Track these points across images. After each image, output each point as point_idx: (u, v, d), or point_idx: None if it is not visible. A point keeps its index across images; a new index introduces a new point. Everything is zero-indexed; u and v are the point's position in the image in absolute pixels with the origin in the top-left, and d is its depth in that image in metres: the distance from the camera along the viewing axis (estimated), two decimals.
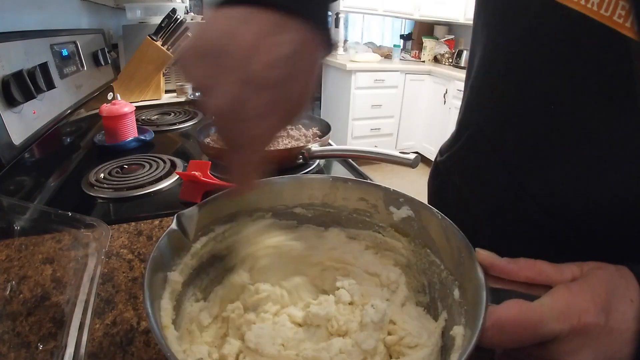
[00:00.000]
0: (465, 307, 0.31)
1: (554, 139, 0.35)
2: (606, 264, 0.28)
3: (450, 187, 0.52)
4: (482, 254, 0.30)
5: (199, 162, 0.72)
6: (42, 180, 0.73)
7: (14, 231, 0.54)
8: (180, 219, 0.36)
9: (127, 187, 0.73)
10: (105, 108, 0.92)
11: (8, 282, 0.46)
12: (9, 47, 0.65)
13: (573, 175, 0.34)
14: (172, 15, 1.39)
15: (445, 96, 3.14)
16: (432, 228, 0.37)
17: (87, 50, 1.06)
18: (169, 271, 0.34)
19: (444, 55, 3.52)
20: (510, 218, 0.41)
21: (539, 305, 0.26)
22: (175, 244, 0.35)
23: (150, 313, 0.27)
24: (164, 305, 0.32)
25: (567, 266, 0.29)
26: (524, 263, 0.29)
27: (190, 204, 0.37)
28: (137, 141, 0.95)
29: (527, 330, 0.26)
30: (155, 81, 1.41)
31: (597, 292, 0.26)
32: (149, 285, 0.29)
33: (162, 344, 0.24)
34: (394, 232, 0.41)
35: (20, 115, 0.65)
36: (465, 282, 0.32)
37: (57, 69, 0.83)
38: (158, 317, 0.29)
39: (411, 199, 0.39)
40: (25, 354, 0.37)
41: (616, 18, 0.27)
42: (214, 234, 0.39)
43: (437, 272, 0.37)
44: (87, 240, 0.51)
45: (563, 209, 0.36)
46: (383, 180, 0.41)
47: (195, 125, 1.14)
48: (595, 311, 0.25)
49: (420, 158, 0.53)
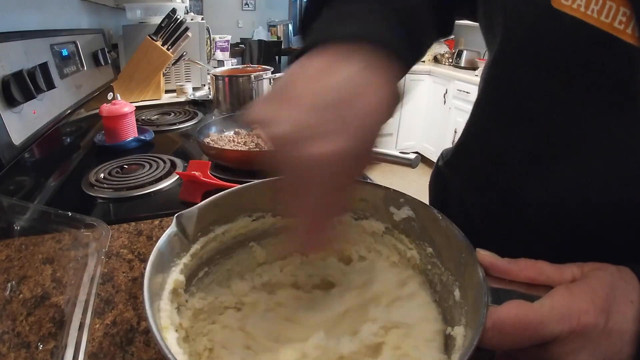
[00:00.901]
0: (466, 307, 0.31)
1: (554, 144, 0.35)
2: (607, 265, 0.28)
3: (452, 191, 0.52)
4: (482, 254, 0.30)
5: (199, 162, 0.72)
6: (42, 180, 0.73)
7: (14, 231, 0.54)
8: (180, 219, 0.36)
9: (127, 187, 0.73)
10: (105, 108, 0.92)
11: (8, 282, 0.46)
12: (9, 47, 0.66)
13: (573, 178, 0.34)
14: (172, 15, 1.39)
15: (445, 96, 3.14)
16: (432, 228, 0.37)
17: (87, 50, 1.06)
18: (169, 272, 0.34)
19: (444, 55, 3.52)
20: (510, 222, 0.41)
21: (539, 307, 0.26)
22: (175, 245, 0.35)
23: (150, 314, 0.27)
24: (164, 306, 0.32)
25: (567, 267, 0.29)
26: (524, 263, 0.29)
27: (190, 204, 0.37)
28: (137, 141, 0.95)
29: (527, 331, 0.26)
30: (155, 81, 1.41)
31: (597, 293, 0.26)
32: (148, 286, 0.29)
33: (161, 344, 0.24)
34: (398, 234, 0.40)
35: (20, 115, 0.65)
36: (465, 283, 0.32)
37: (57, 69, 0.83)
38: (157, 318, 0.29)
39: (412, 199, 0.38)
40: (25, 354, 0.37)
41: (617, 25, 0.27)
42: (213, 234, 0.39)
43: (437, 272, 0.37)
44: (87, 240, 0.51)
45: (563, 212, 0.36)
46: (383, 180, 0.41)
47: (195, 125, 1.14)
48: (595, 312, 0.25)
49: (420, 158, 0.53)
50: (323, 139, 0.25)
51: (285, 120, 0.26)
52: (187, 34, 1.41)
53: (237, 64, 2.24)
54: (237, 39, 4.12)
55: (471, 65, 3.19)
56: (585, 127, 0.32)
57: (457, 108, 3.01)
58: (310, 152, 0.25)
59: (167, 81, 1.54)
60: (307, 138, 0.25)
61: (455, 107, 3.02)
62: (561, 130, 0.34)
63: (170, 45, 1.38)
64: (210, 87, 1.34)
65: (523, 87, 0.36)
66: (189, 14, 2.00)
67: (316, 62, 0.28)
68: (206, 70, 1.55)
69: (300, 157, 0.25)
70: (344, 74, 0.27)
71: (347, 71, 0.27)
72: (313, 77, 0.27)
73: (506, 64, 0.38)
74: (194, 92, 1.48)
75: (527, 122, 0.37)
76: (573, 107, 0.32)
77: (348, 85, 0.26)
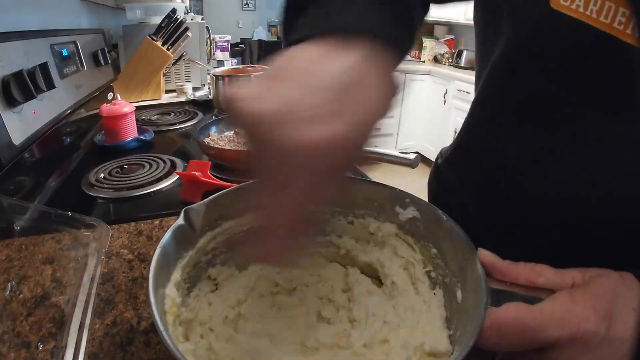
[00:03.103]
0: (467, 307, 0.31)
1: (554, 143, 0.35)
2: (609, 271, 0.28)
3: (450, 189, 0.52)
4: (483, 253, 0.30)
5: (199, 162, 0.72)
6: (42, 180, 0.73)
7: (14, 231, 0.54)
8: (188, 213, 0.36)
9: (127, 187, 0.73)
10: (105, 108, 0.92)
11: (8, 282, 0.46)
12: (9, 47, 0.65)
13: (573, 178, 0.34)
14: (172, 15, 1.39)
15: (445, 96, 3.14)
16: (437, 229, 0.36)
17: (87, 50, 1.06)
18: (175, 264, 0.34)
19: (444, 55, 3.52)
20: (509, 221, 0.41)
21: (538, 310, 0.26)
22: (182, 238, 0.35)
23: (153, 302, 0.27)
24: (169, 292, 0.32)
25: (568, 271, 0.29)
26: (523, 266, 0.29)
27: (190, 204, 0.37)
28: (137, 141, 0.95)
29: (525, 334, 0.25)
30: (155, 81, 1.41)
31: (599, 300, 0.26)
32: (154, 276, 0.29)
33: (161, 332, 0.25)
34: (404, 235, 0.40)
35: (20, 115, 0.65)
36: (467, 284, 0.32)
37: (57, 69, 0.82)
38: (161, 305, 0.30)
39: (417, 200, 0.38)
40: (25, 354, 0.37)
41: (616, 25, 0.27)
42: (220, 229, 0.39)
43: (441, 274, 0.37)
44: (87, 240, 0.51)
45: (563, 213, 0.36)
46: (383, 180, 0.41)
47: (195, 125, 1.14)
48: (596, 320, 0.25)
49: (420, 158, 0.53)
50: (317, 122, 0.21)
51: (274, 98, 0.22)
52: (187, 34, 1.41)
53: (237, 64, 2.24)
54: (237, 39, 4.12)
55: (471, 65, 3.19)
56: (585, 126, 0.32)
57: (457, 108, 3.01)
58: (299, 136, 0.21)
59: (167, 81, 1.54)
60: (297, 120, 0.21)
61: (455, 107, 3.02)
62: (561, 130, 0.34)
63: (170, 45, 1.38)
64: (210, 87, 1.34)
65: (523, 86, 0.36)
66: (189, 14, 2.00)
67: (314, 49, 0.25)
68: (206, 70, 1.55)
69: (286, 140, 0.21)
70: (344, 62, 0.24)
71: (346, 60, 0.24)
72: (311, 60, 0.24)
73: (507, 64, 0.38)
74: (194, 92, 1.48)
75: (527, 122, 0.37)
76: (573, 106, 0.32)
77: (348, 72, 0.23)
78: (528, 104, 0.36)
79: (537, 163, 0.37)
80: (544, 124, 0.35)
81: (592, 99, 0.31)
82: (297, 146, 0.21)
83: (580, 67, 0.31)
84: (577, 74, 0.31)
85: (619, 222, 0.33)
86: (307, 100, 0.22)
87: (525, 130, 0.37)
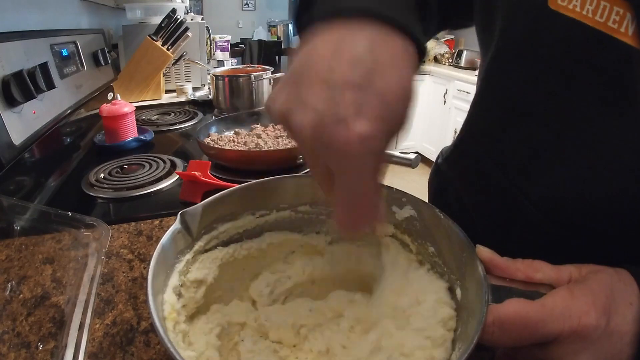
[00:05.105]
0: (467, 304, 0.31)
1: (552, 142, 0.35)
2: (605, 267, 0.28)
3: (450, 189, 0.52)
4: (482, 250, 0.31)
5: (199, 162, 0.72)
6: (42, 180, 0.73)
7: (14, 231, 0.54)
8: (184, 217, 0.36)
9: (127, 187, 0.73)
10: (105, 108, 0.92)
11: (8, 282, 0.46)
12: (9, 47, 0.65)
13: (571, 178, 0.34)
14: (172, 15, 1.39)
15: (445, 96, 3.14)
16: (434, 228, 0.37)
17: (87, 50, 1.06)
18: (172, 269, 0.34)
19: (444, 55, 3.51)
20: (508, 220, 0.41)
21: (540, 305, 0.26)
22: (178, 242, 0.35)
23: (152, 307, 0.27)
24: (167, 298, 0.32)
25: (565, 267, 0.29)
26: (521, 262, 0.30)
27: (190, 204, 0.37)
28: (137, 141, 0.95)
29: (527, 329, 0.26)
30: (155, 81, 1.41)
31: (597, 295, 0.26)
32: (152, 280, 0.29)
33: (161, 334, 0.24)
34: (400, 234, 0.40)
35: (20, 115, 0.65)
36: (466, 282, 0.32)
37: (57, 69, 0.83)
38: (160, 310, 0.30)
39: (414, 199, 0.38)
40: (25, 354, 0.37)
41: (610, 24, 0.27)
42: (217, 232, 0.39)
43: (440, 272, 0.37)
44: (87, 240, 0.51)
45: (561, 211, 0.36)
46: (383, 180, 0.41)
47: (195, 125, 1.15)
48: (596, 314, 0.25)
49: (420, 158, 0.53)
50: (358, 117, 0.22)
51: (310, 105, 0.23)
52: (187, 34, 1.41)
53: (237, 64, 2.24)
54: (237, 39, 4.12)
55: (471, 65, 3.19)
56: (583, 125, 0.32)
57: (457, 108, 3.01)
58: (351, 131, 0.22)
59: (167, 81, 1.54)
60: (340, 119, 0.22)
61: (455, 107, 3.02)
62: (559, 129, 0.34)
63: (170, 45, 1.38)
64: (210, 87, 1.34)
65: (521, 86, 0.36)
66: (189, 14, 1.99)
67: (329, 38, 0.25)
68: (206, 70, 1.55)
69: (339, 136, 0.22)
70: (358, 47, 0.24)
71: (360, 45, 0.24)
72: (327, 54, 0.24)
73: (504, 64, 0.38)
74: (194, 92, 1.48)
75: (526, 121, 0.37)
76: (571, 105, 0.32)
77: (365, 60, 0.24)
78: (526, 104, 0.36)
79: (536, 162, 0.37)
80: (542, 123, 0.35)
81: (590, 98, 0.31)
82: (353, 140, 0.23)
83: (577, 66, 0.31)
84: (574, 72, 0.31)
85: (617, 221, 0.33)
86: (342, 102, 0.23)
87: (524, 130, 0.37)
